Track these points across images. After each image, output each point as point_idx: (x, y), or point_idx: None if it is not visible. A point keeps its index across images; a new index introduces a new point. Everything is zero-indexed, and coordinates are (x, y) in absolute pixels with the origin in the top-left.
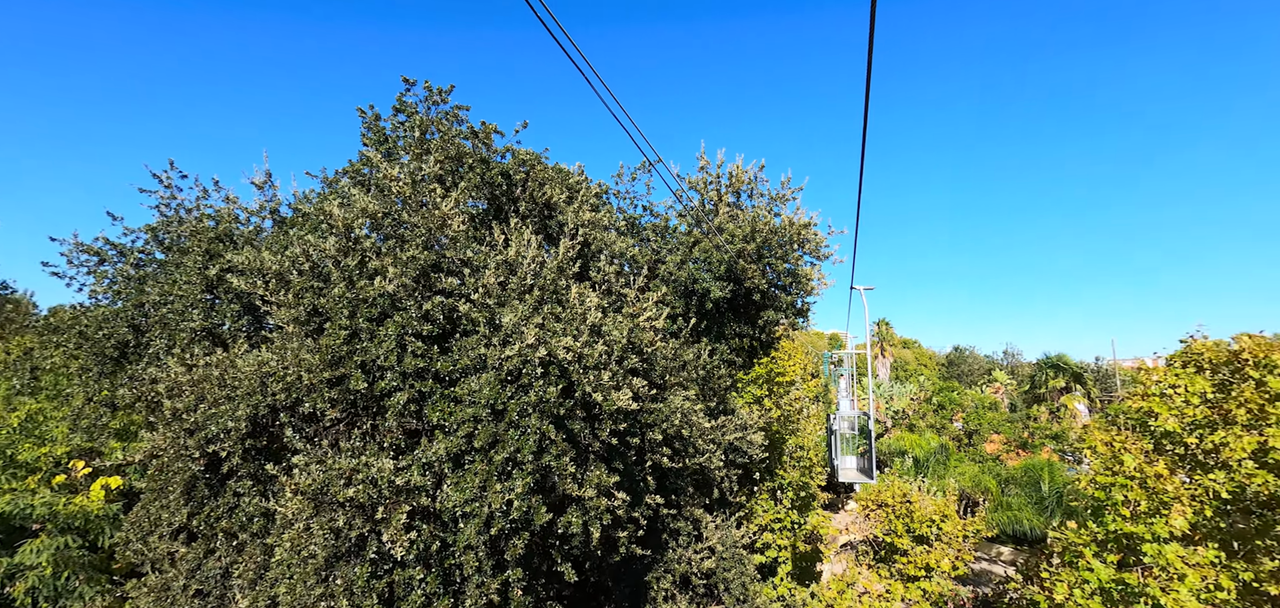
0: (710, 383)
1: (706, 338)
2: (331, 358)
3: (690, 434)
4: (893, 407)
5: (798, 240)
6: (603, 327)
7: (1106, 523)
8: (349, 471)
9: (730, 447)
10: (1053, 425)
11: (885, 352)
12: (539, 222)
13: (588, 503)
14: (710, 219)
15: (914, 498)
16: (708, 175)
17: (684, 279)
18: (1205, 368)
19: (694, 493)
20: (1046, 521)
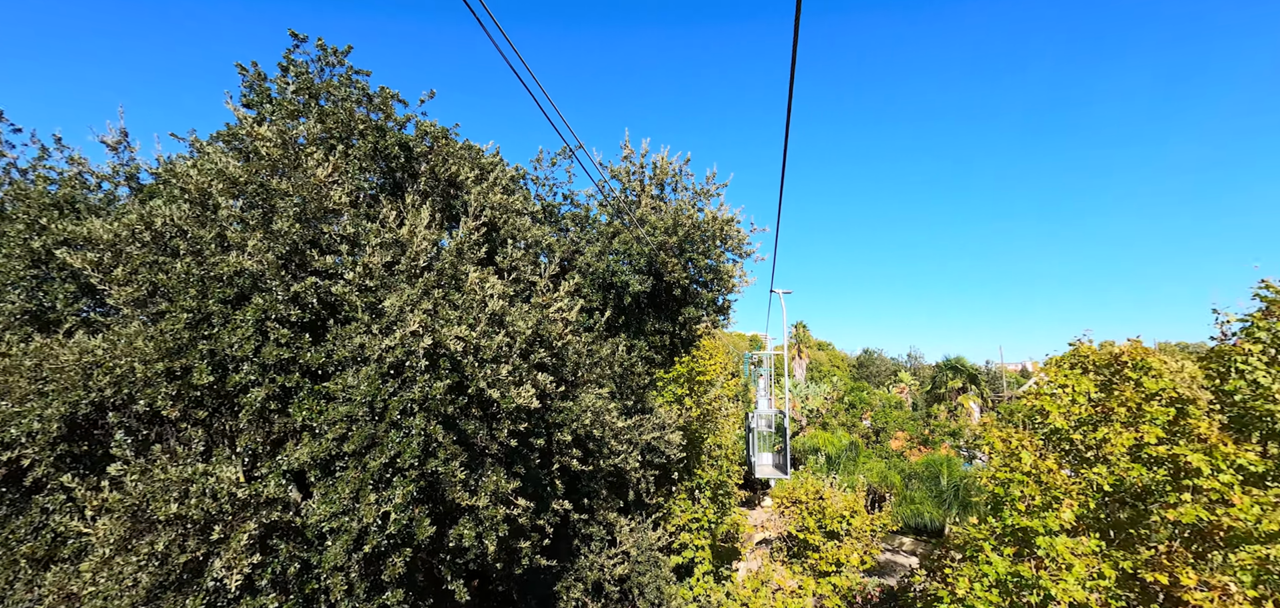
0: (628, 381)
1: (625, 334)
2: (171, 346)
3: (603, 435)
4: (808, 406)
5: (720, 236)
6: (506, 316)
7: (1005, 518)
8: (182, 482)
9: (648, 447)
10: (951, 423)
11: (802, 353)
12: (443, 201)
13: (482, 513)
14: (632, 210)
15: (826, 495)
16: (631, 165)
17: (602, 271)
18: (1090, 370)
19: (608, 496)
20: (944, 513)
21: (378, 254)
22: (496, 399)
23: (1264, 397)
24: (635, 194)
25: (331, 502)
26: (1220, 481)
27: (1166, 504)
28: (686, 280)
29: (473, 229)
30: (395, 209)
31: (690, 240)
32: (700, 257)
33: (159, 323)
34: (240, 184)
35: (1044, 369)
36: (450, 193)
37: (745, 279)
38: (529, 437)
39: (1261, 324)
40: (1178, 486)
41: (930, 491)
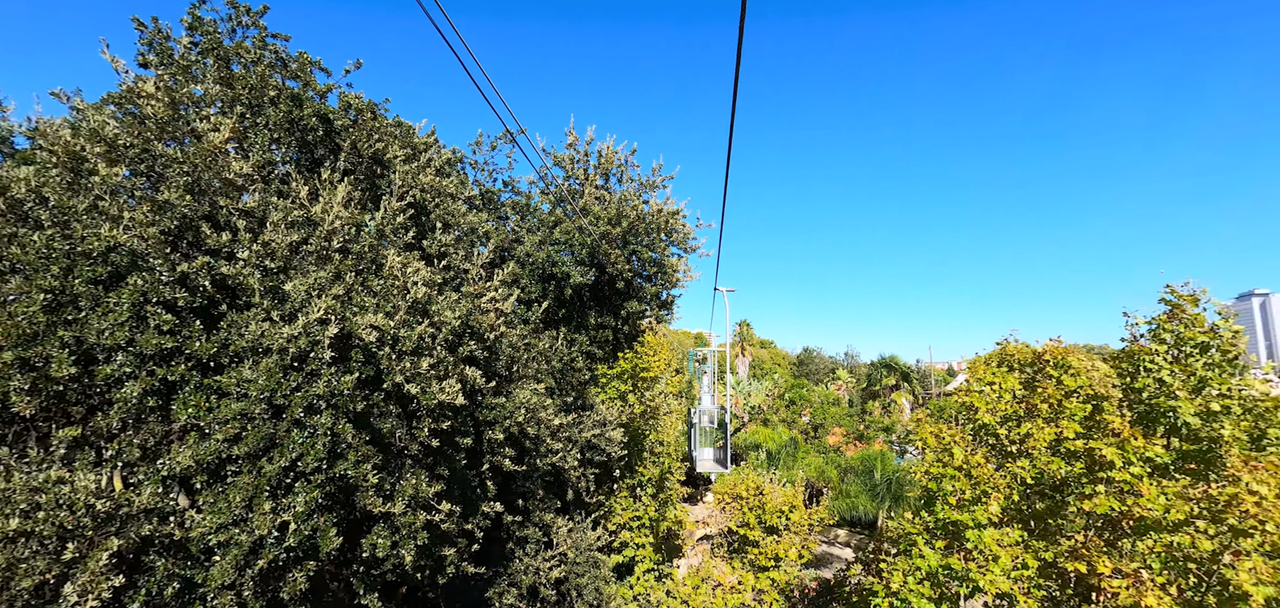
0: (567, 376)
1: (565, 327)
2: (26, 332)
3: (539, 432)
4: (750, 402)
5: (665, 229)
6: (431, 305)
7: (937, 512)
8: (29, 491)
9: (588, 445)
10: (884, 419)
11: (745, 351)
12: (367, 180)
13: (398, 519)
14: (575, 199)
15: (766, 490)
16: (576, 153)
17: (542, 262)
18: (1015, 368)
19: (545, 496)
20: (878, 505)
21: (283, 232)
22: (416, 395)
23: (1167, 393)
24: (579, 183)
25: (219, 511)
26: (1130, 472)
27: (1083, 495)
28: (630, 273)
29: (397, 210)
30: (309, 185)
31: (635, 232)
32: (644, 250)
33: (10, 305)
34: (121, 148)
35: (972, 367)
36: (376, 171)
37: (690, 274)
38: (454, 435)
39: (1166, 326)
40: (1093, 478)
41: (865, 484)
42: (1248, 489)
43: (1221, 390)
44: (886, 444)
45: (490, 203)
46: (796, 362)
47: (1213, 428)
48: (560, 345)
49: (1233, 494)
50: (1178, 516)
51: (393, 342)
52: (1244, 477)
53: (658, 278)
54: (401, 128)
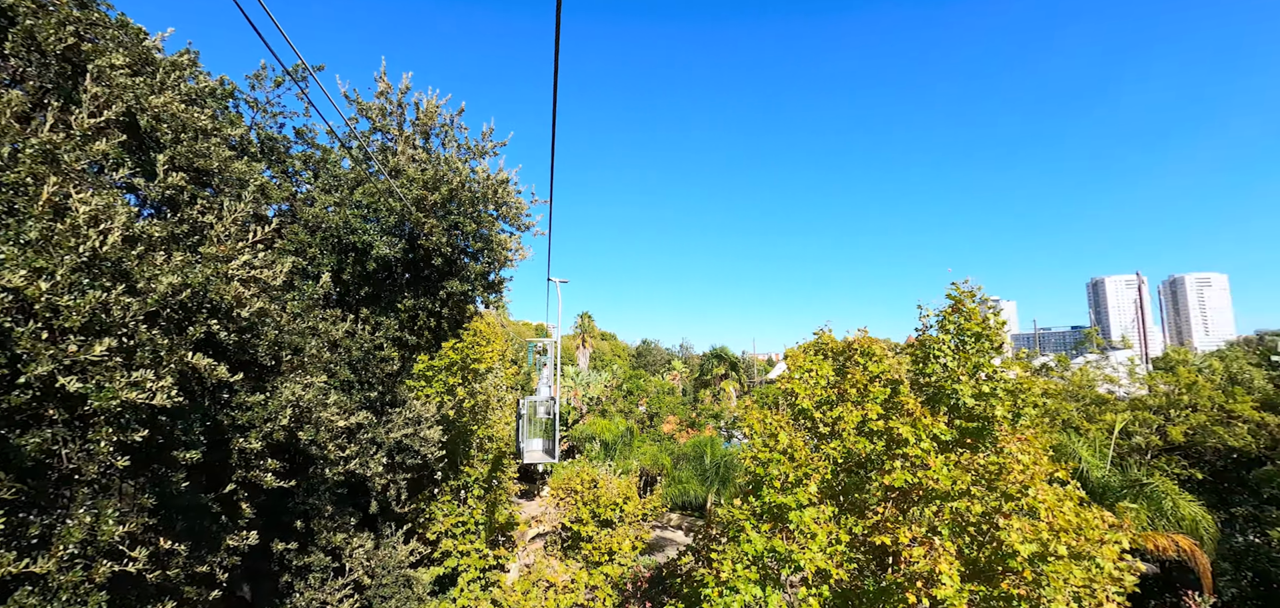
0: (371, 367)
1: (370, 308)
2: None
3: (320, 437)
4: (589, 393)
5: (493, 199)
6: (127, 263)
7: (763, 497)
8: None
9: (398, 446)
10: (714, 407)
11: (586, 343)
12: (59, 86)
13: (54, 581)
14: (385, 158)
15: (601, 483)
16: (387, 103)
17: (338, 228)
18: (829, 356)
19: (337, 513)
20: (708, 488)
21: None
22: (86, 393)
23: (951, 378)
24: (392, 140)
25: None
26: (921, 448)
27: (883, 471)
28: (450, 248)
29: (91, 128)
30: None
31: (457, 201)
32: (468, 222)
33: None
34: None
35: (792, 356)
36: (71, 77)
37: (521, 252)
38: (170, 448)
39: (950, 318)
40: (892, 454)
41: (696, 470)
42: (1014, 458)
43: (990, 374)
44: (716, 430)
45: (274, 152)
46: (635, 354)
47: (987, 407)
48: (361, 331)
49: (1001, 464)
50: (961, 485)
51: (53, 313)
52: (1011, 447)
53: (484, 255)
54: (127, 30)
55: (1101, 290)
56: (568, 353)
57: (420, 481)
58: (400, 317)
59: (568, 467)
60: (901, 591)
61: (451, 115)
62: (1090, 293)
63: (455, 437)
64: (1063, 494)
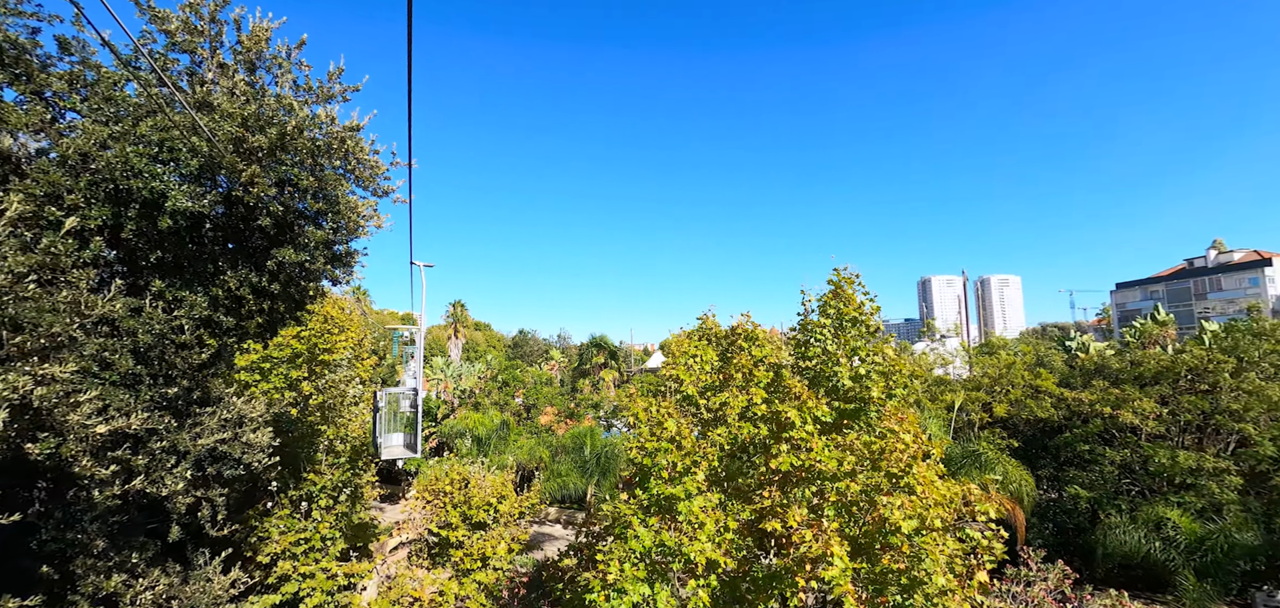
0: (166, 356)
1: (167, 280)
2: None
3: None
4: (461, 385)
5: (340, 153)
6: None
7: (651, 489)
8: None
9: (211, 455)
10: (594, 396)
11: (459, 333)
12: None
13: None
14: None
15: (473, 482)
16: (198, 19)
17: (115, 170)
18: (714, 341)
19: (109, 548)
20: (588, 480)
21: None
22: None
23: (831, 361)
24: (202, 63)
25: None
26: (805, 431)
27: (769, 455)
28: (282, 207)
29: None
30: None
31: (292, 150)
32: (306, 176)
33: None
34: None
35: (677, 342)
36: None
37: (377, 220)
38: None
39: (831, 303)
40: (778, 438)
41: (576, 461)
42: (897, 437)
43: (865, 357)
44: (596, 421)
45: (20, 65)
46: (512, 344)
47: (862, 388)
48: (153, 309)
49: (883, 445)
50: (848, 466)
51: None
52: (893, 426)
53: (329, 219)
54: None
55: (929, 287)
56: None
57: (251, 494)
58: (212, 293)
59: (436, 465)
60: (791, 574)
61: (288, 46)
62: (920, 289)
63: (298, 439)
64: (934, 469)
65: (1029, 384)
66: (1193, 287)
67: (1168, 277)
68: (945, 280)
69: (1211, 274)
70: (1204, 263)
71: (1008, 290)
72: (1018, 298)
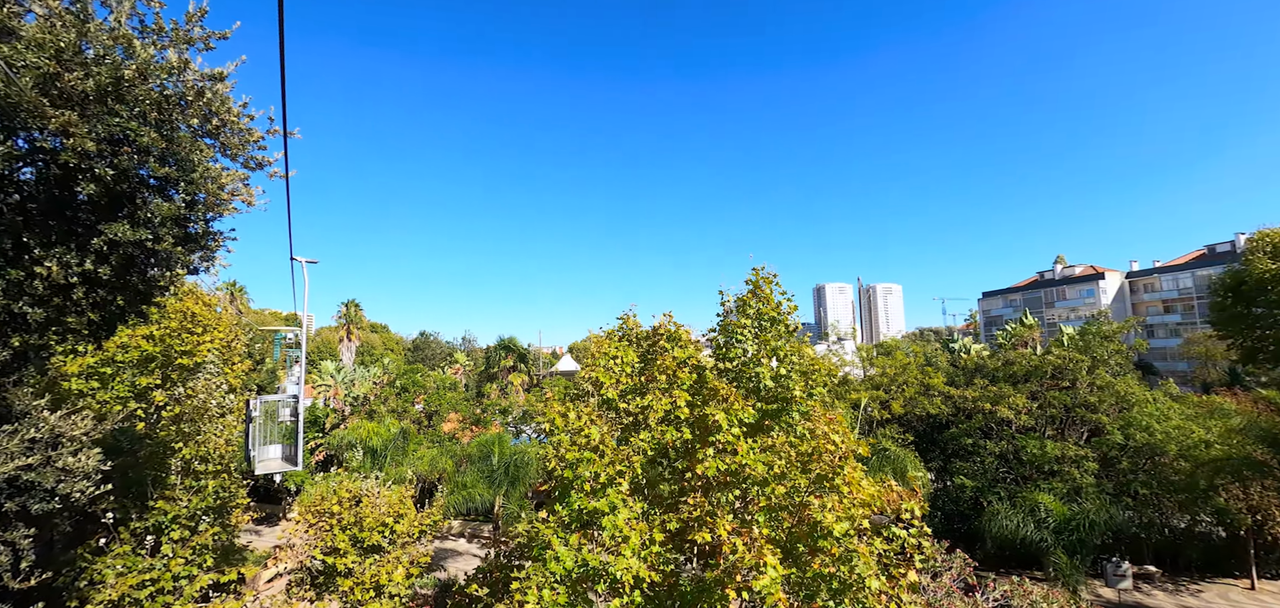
0: None
1: None
2: None
3: None
4: (354, 392)
5: (197, 108)
6: None
7: (572, 503)
8: None
9: (10, 486)
10: (502, 401)
11: (352, 335)
12: None
13: None
14: None
15: (367, 499)
16: None
17: None
18: (635, 342)
19: None
20: (496, 490)
21: None
22: None
23: (754, 361)
24: None
25: None
26: (732, 433)
27: (695, 460)
28: (113, 170)
29: None
30: None
31: (129, 98)
32: (149, 133)
33: None
34: None
35: (595, 343)
36: None
37: (249, 196)
38: None
39: (750, 302)
40: (703, 442)
41: (482, 471)
42: (826, 438)
43: (784, 356)
44: (504, 427)
45: None
46: (412, 346)
47: (784, 388)
48: None
49: (814, 446)
50: (778, 469)
51: None
52: (824, 426)
53: (180, 190)
54: None
55: (824, 294)
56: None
57: (82, 529)
58: (10, 278)
59: (323, 482)
60: (721, 586)
61: None
62: (815, 296)
63: (146, 460)
64: (859, 469)
65: (922, 383)
66: (1044, 296)
67: (1024, 287)
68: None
69: (1058, 285)
70: (1052, 275)
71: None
72: (899, 305)
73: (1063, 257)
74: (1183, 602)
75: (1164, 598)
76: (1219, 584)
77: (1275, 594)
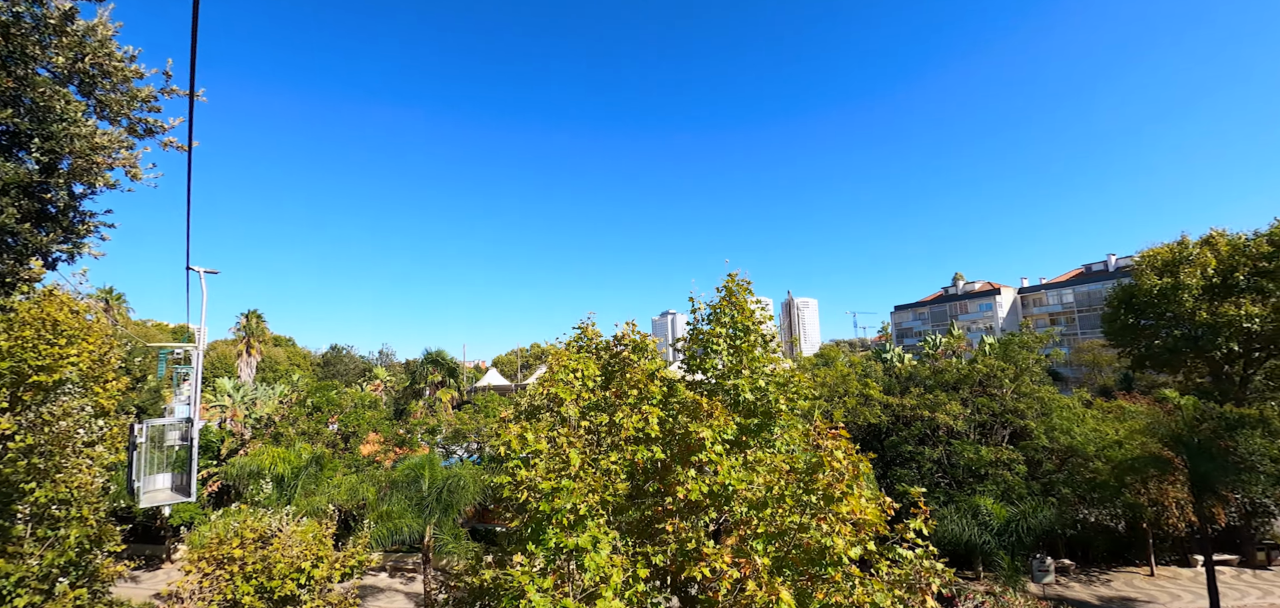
0: None
1: None
2: None
3: None
4: (257, 413)
5: (62, 45)
6: None
7: (548, 541)
8: None
9: None
10: (429, 419)
11: (252, 349)
12: None
13: None
14: None
15: (276, 541)
16: None
17: None
18: (595, 352)
19: None
20: (426, 519)
21: None
22: None
23: (732, 372)
24: None
25: None
26: (716, 450)
27: (676, 481)
28: None
29: None
30: None
31: None
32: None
33: None
34: None
35: (554, 355)
36: None
37: (133, 166)
38: None
39: (725, 309)
40: (683, 461)
41: (410, 498)
42: (831, 456)
43: (760, 366)
44: (433, 448)
45: None
46: (323, 362)
47: (764, 401)
48: None
49: (817, 461)
50: (777, 490)
51: None
52: (826, 443)
53: (34, 147)
54: None
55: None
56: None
57: None
58: None
59: (221, 519)
60: None
61: None
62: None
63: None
64: (866, 488)
65: (861, 393)
66: (949, 310)
67: (931, 302)
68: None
69: (961, 299)
70: (956, 291)
71: (808, 311)
72: (815, 317)
73: (960, 274)
74: (1096, 591)
75: (1080, 589)
76: (1124, 573)
77: (1170, 578)
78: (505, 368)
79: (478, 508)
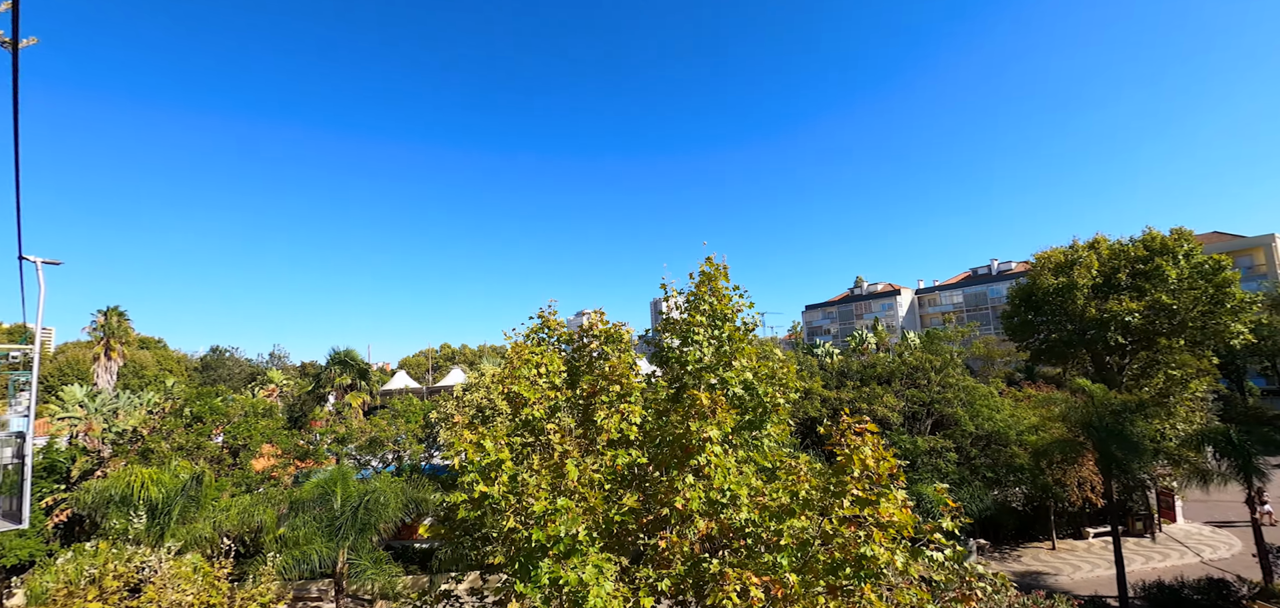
0: None
1: None
2: None
3: None
4: (118, 426)
5: None
6: None
7: (542, 577)
8: None
9: None
10: (339, 427)
11: (112, 352)
12: None
13: None
14: None
15: (152, 589)
16: None
17: None
18: (557, 344)
19: None
20: (340, 543)
21: None
22: None
23: (721, 365)
24: None
25: None
26: (713, 453)
27: (671, 490)
28: None
29: None
30: None
31: None
32: None
33: None
34: None
35: (516, 349)
36: None
37: None
38: None
39: (704, 297)
40: (681, 465)
41: (320, 519)
42: (859, 454)
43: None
44: (344, 458)
45: None
46: (201, 366)
47: (757, 397)
48: None
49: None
50: (804, 495)
51: None
52: (850, 439)
53: None
54: None
55: (659, 306)
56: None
57: None
58: None
59: (71, 560)
60: None
61: None
62: (652, 308)
63: None
64: (900, 491)
65: (803, 387)
66: (854, 309)
67: (839, 301)
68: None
69: (865, 299)
70: (861, 292)
71: None
72: None
73: (861, 277)
74: (1009, 566)
75: (997, 566)
76: (1031, 548)
77: (1068, 550)
78: (414, 369)
79: (397, 525)
